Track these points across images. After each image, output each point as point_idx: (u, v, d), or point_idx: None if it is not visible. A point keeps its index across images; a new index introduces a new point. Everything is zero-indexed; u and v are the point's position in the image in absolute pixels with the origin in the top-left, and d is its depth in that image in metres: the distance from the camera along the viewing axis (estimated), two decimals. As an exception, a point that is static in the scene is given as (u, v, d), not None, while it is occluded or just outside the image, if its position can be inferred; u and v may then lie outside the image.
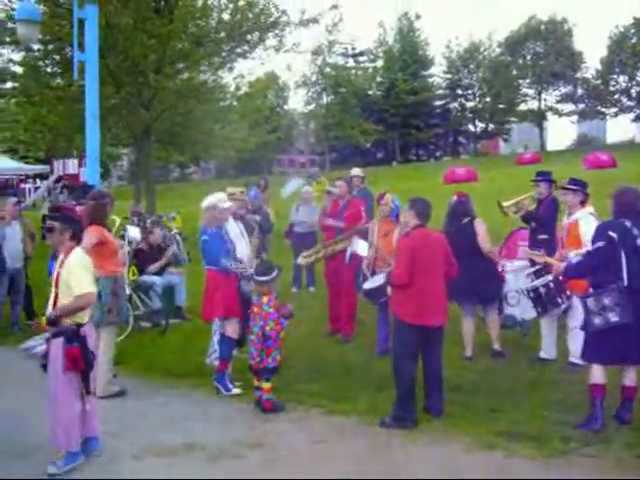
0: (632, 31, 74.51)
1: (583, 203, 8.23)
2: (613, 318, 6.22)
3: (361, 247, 9.58)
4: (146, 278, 11.53)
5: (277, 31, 20.05)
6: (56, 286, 6.02)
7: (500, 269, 9.40)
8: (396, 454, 6.28)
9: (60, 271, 6.02)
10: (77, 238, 6.26)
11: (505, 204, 9.73)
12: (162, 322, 11.04)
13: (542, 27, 78.95)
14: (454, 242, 8.88)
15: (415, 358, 7.01)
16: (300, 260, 10.86)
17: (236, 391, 7.96)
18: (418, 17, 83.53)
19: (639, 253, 6.33)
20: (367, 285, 8.87)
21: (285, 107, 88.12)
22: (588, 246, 7.70)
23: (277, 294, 7.69)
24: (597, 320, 6.31)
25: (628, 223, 6.38)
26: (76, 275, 5.95)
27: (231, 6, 19.90)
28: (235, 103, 24.06)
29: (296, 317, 7.96)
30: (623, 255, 6.30)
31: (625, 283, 6.29)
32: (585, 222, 7.99)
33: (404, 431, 6.67)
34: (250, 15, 19.49)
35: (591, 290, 6.55)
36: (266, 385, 7.38)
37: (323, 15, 20.75)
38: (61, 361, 5.89)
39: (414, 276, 6.84)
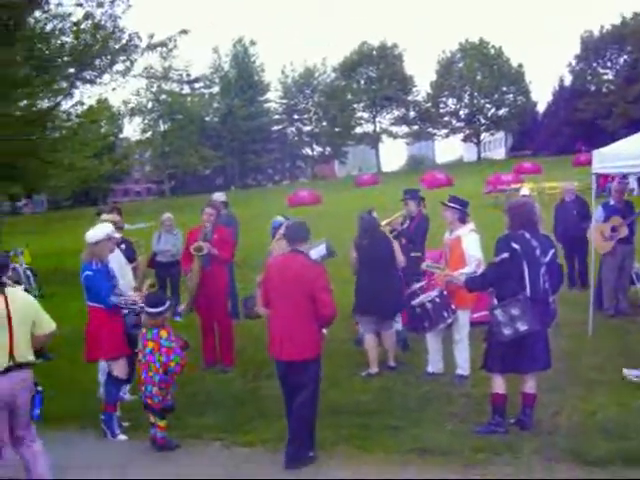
0: (458, 56, 78.82)
1: (462, 220, 8.48)
2: (522, 327, 6.39)
3: (315, 251, 8.73)
4: None
5: (127, 55, 19.51)
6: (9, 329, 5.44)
7: None
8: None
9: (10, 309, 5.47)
10: None
11: (383, 223, 9.86)
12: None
13: (374, 52, 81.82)
14: (367, 254, 8.89)
15: (285, 388, 6.64)
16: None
17: (122, 437, 7.45)
18: (253, 43, 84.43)
19: (539, 263, 6.58)
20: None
21: (120, 136, 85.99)
22: (472, 261, 8.00)
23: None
24: (507, 330, 6.43)
25: (527, 234, 6.61)
26: (42, 312, 5.76)
27: (74, 29, 19.16)
28: (80, 132, 22.99)
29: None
30: (525, 266, 6.51)
31: (528, 293, 6.50)
32: (467, 238, 8.29)
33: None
34: (98, 37, 18.83)
35: (496, 301, 6.70)
36: (162, 422, 7.03)
37: (172, 39, 20.36)
38: None
39: (271, 303, 6.60)
